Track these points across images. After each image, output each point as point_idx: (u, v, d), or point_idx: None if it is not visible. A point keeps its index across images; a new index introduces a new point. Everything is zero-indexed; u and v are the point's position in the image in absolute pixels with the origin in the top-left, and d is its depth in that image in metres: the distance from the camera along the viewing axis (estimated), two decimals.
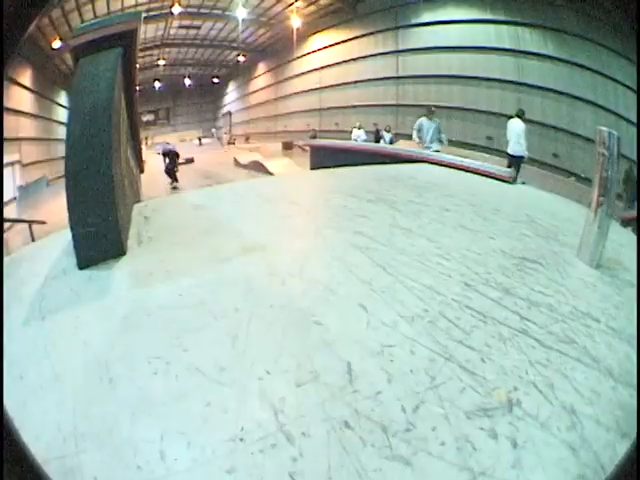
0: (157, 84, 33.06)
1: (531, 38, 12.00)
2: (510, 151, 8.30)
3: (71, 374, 1.75)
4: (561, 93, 11.30)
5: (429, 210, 4.08)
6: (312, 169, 9.61)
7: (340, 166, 6.58)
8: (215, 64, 31.05)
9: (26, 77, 14.47)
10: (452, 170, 6.67)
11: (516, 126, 8.25)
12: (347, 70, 19.11)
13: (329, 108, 20.46)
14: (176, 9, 19.68)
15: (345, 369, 1.76)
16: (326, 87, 20.57)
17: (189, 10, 20.39)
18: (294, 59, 23.06)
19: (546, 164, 11.05)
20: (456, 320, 2.15)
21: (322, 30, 20.10)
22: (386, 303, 2.28)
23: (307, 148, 12.41)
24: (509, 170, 6.50)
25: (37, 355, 1.87)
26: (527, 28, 11.99)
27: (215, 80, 34.36)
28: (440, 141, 8.65)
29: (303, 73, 22.60)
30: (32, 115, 15.07)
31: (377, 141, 14.07)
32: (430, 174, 6.30)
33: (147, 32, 21.31)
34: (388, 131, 14.06)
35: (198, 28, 23.69)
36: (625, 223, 8.14)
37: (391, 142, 13.23)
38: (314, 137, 16.76)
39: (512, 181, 5.99)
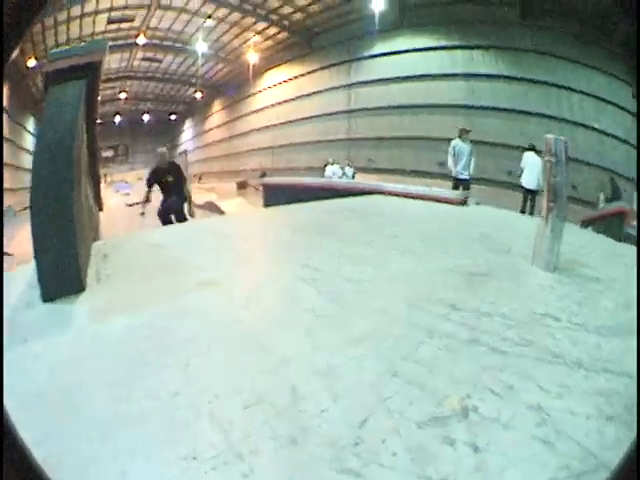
0: (118, 118, 32.51)
1: (483, 60, 12.42)
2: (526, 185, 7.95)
3: (36, 400, 1.77)
4: (513, 111, 11.67)
5: (378, 239, 4.17)
6: (266, 207, 9.43)
7: (293, 203, 6.68)
8: (173, 100, 30.95)
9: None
10: (405, 199, 6.88)
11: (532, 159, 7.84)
12: (300, 106, 19.17)
13: (282, 146, 20.25)
14: (141, 39, 19.62)
15: (291, 390, 1.78)
16: (279, 124, 20.39)
17: (153, 42, 20.43)
18: (249, 95, 23.12)
19: (501, 182, 11.40)
20: (402, 338, 2.18)
21: (278, 65, 20.40)
22: (331, 327, 2.34)
23: (260, 187, 12.26)
24: (459, 193, 6.76)
25: None
26: (479, 50, 12.43)
27: (172, 117, 34.19)
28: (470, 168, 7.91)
29: (257, 110, 22.41)
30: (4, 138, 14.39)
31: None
32: (382, 205, 6.50)
33: (111, 62, 20.99)
34: (350, 166, 13.84)
35: (160, 62, 23.69)
36: (585, 224, 8.31)
37: (353, 177, 13.11)
38: (263, 175, 16.65)
39: (463, 203, 6.22)
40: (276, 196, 9.07)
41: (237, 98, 24.57)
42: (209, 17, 18.07)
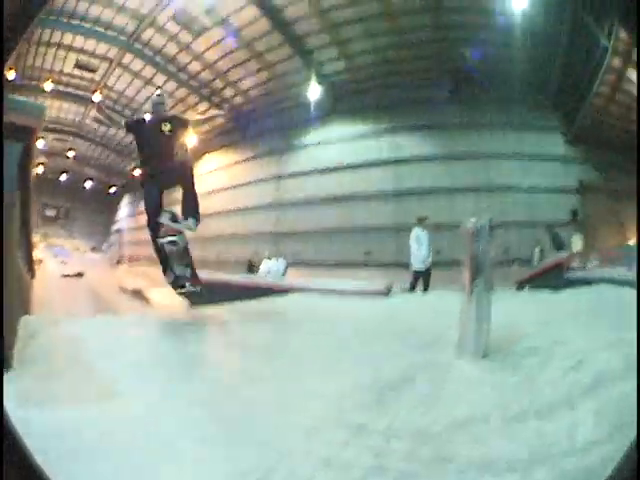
0: (64, 177, 30.65)
1: (410, 142, 12.55)
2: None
3: None
4: (442, 189, 11.55)
5: (289, 349, 3.97)
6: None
7: (222, 301, 6.41)
8: (115, 172, 30.04)
9: None
10: (327, 296, 6.63)
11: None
12: (233, 195, 18.91)
13: (212, 236, 19.75)
14: (96, 97, 19.07)
15: None
16: (210, 214, 20.09)
17: (106, 102, 19.89)
18: None
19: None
20: (294, 469, 2.02)
21: (215, 150, 20.39)
22: (220, 459, 2.18)
23: None
24: (381, 283, 6.83)
25: None
26: (407, 132, 12.54)
27: (112, 190, 32.99)
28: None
29: None
30: None
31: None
32: (302, 305, 6.23)
33: (68, 113, 20.13)
34: (281, 259, 12.35)
35: (108, 126, 23.07)
36: (522, 285, 8.47)
37: (285, 272, 11.88)
38: None
39: (387, 293, 6.33)
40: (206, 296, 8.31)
41: None
42: (159, 88, 17.99)
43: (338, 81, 13.56)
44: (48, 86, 14.78)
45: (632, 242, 10.30)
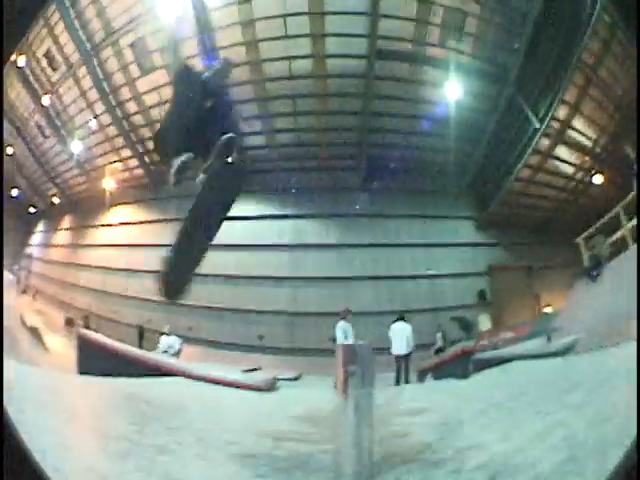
0: None
1: (312, 229, 12.51)
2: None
3: None
4: (341, 278, 11.43)
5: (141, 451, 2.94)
6: (81, 373, 7.22)
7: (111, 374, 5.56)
8: (39, 192, 26.73)
9: None
10: (206, 385, 6.20)
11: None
12: (131, 254, 17.70)
13: (107, 292, 18.19)
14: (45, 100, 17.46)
15: None
16: (107, 268, 18.72)
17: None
18: (94, 226, 21.33)
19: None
20: None
21: (127, 203, 19.24)
22: None
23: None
24: (266, 379, 6.48)
25: None
26: (310, 219, 12.51)
27: (32, 210, 28.83)
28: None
29: (94, 245, 20.64)
30: None
31: None
32: (177, 393, 5.52)
33: (21, 103, 18.04)
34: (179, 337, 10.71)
35: (46, 137, 21.09)
36: (422, 375, 8.31)
37: (179, 351, 10.04)
38: (70, 323, 14.41)
39: (271, 389, 5.96)
40: (94, 360, 7.30)
41: (85, 223, 22.35)
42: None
43: (253, 155, 13.17)
44: (21, 60, 14.23)
45: (549, 310, 10.88)
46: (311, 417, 3.94)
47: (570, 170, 12.10)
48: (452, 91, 10.48)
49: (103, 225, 19.88)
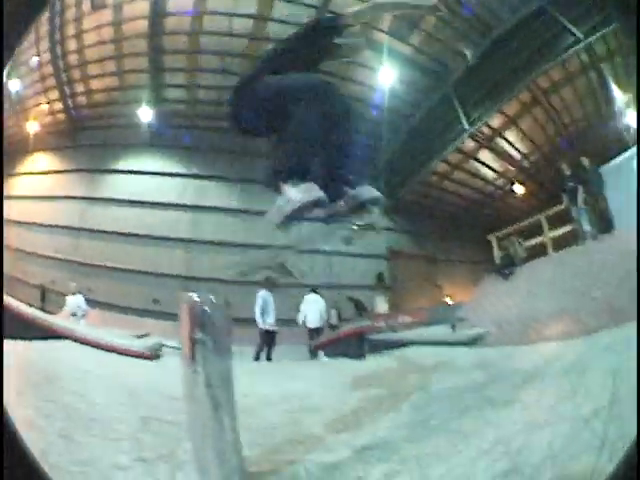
0: None
1: (214, 191, 12.25)
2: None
3: None
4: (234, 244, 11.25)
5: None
6: None
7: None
8: None
9: None
10: (90, 350, 5.75)
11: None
12: (40, 208, 15.70)
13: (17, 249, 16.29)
14: None
15: None
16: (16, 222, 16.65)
17: None
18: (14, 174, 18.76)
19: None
20: None
21: (44, 149, 17.13)
22: None
23: None
24: (152, 343, 6.10)
25: None
26: (212, 180, 12.31)
27: None
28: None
29: (11, 197, 18.31)
30: None
31: None
32: (58, 360, 4.97)
33: None
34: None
35: None
36: (316, 349, 7.99)
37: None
38: None
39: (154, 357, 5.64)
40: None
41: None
42: None
43: (172, 110, 12.71)
44: None
45: (449, 300, 11.44)
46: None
47: (490, 175, 12.57)
48: (385, 76, 10.55)
49: (20, 174, 17.44)
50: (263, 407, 2.98)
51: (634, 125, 8.01)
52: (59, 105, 16.10)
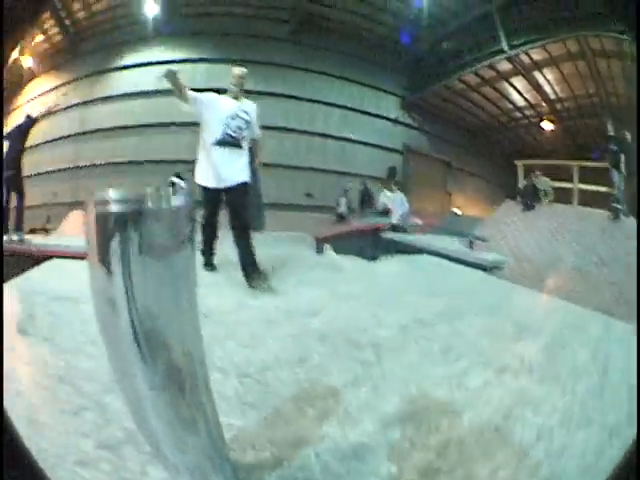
0: None
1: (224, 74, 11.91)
2: None
3: None
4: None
5: None
6: None
7: None
8: None
9: None
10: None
11: None
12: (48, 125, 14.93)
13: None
14: None
15: None
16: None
17: None
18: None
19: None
20: None
21: (44, 73, 16.04)
22: None
23: None
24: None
25: None
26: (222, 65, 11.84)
27: None
28: None
29: None
30: None
31: None
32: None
33: None
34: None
35: None
36: (323, 242, 7.00)
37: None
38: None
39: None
40: None
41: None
42: None
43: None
44: None
45: (458, 211, 11.19)
46: None
47: (521, 102, 12.02)
48: None
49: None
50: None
51: None
52: (55, 29, 15.25)
